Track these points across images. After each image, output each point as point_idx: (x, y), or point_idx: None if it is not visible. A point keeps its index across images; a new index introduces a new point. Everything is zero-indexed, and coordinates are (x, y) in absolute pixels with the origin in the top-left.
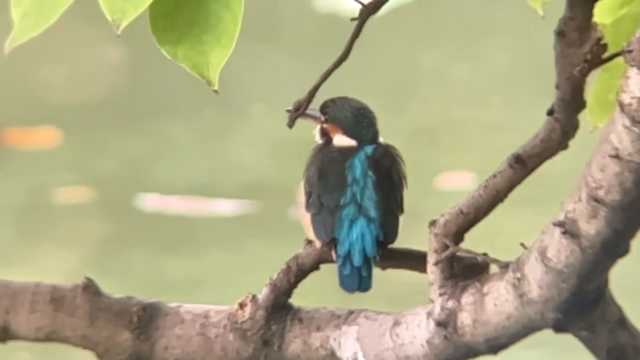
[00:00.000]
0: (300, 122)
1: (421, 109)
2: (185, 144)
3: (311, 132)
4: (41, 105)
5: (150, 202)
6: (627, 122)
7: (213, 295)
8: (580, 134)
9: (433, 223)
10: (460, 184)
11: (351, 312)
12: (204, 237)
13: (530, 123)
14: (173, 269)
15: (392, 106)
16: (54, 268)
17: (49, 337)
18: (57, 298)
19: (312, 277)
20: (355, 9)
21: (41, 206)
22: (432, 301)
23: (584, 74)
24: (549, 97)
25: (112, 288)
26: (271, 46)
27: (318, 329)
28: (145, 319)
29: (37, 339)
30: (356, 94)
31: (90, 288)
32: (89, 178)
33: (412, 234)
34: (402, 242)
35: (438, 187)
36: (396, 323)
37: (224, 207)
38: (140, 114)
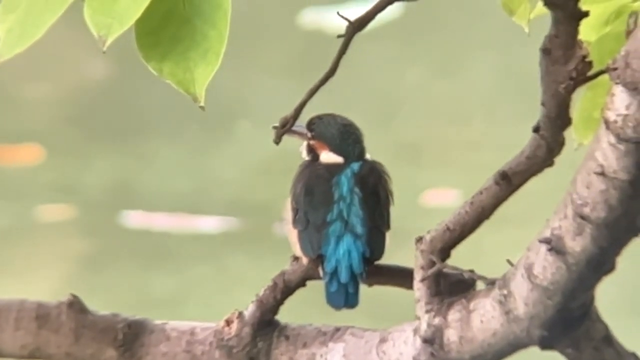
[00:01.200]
0: (285, 138)
1: (405, 126)
2: (169, 161)
3: (295, 148)
4: (24, 122)
5: (134, 219)
6: (613, 140)
7: (197, 312)
8: (565, 150)
9: (419, 240)
10: (444, 201)
11: (337, 329)
12: (188, 254)
13: (513, 140)
14: (157, 285)
15: (376, 123)
16: (38, 285)
17: (34, 354)
18: (42, 315)
19: (298, 293)
20: (340, 26)
21: (24, 224)
22: (418, 318)
23: (569, 91)
24: (532, 114)
25: (96, 305)
26: (255, 62)
27: (304, 345)
28: (131, 336)
29: (21, 357)
30: (340, 111)
31: (75, 305)
32: (73, 195)
33: (397, 251)
34: (387, 258)
35: (422, 204)
36: (382, 340)
37: (208, 224)
38: (124, 131)
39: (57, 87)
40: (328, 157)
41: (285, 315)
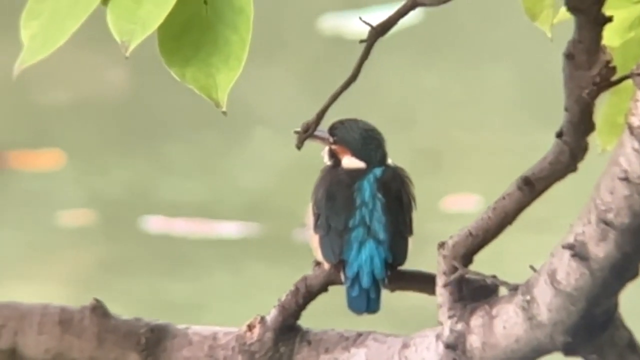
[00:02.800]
0: (306, 143)
1: (424, 132)
2: (189, 166)
3: (315, 154)
4: (46, 128)
5: (154, 224)
6: (637, 145)
7: (216, 318)
8: (588, 156)
9: (442, 245)
10: (464, 206)
11: (360, 334)
12: (208, 260)
13: (532, 146)
14: (176, 291)
15: (395, 129)
16: (58, 291)
17: (57, 358)
18: (65, 320)
19: (319, 299)
20: (360, 31)
21: (45, 229)
22: (441, 323)
23: (593, 96)
24: (551, 120)
25: (116, 310)
26: (274, 68)
27: (326, 351)
28: (153, 340)
29: None
30: (358, 116)
31: (98, 309)
32: (93, 200)
33: (417, 257)
34: (407, 264)
35: (442, 210)
36: (405, 345)
37: (228, 229)
38: (144, 136)
39: (78, 93)
40: (350, 162)
41: (306, 321)
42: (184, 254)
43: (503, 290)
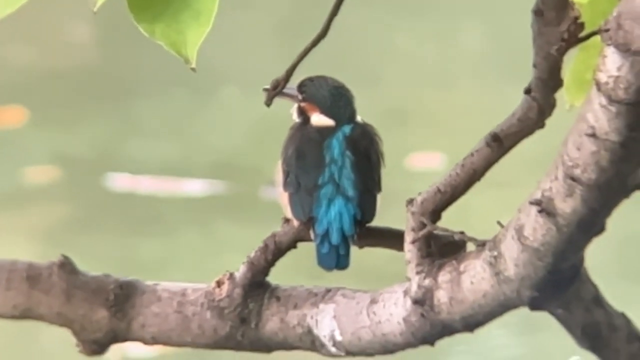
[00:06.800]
0: (274, 101)
1: (392, 89)
2: (155, 124)
3: (282, 112)
4: (8, 84)
5: (120, 182)
6: (604, 101)
7: (183, 275)
8: (556, 112)
9: (410, 202)
10: (430, 164)
11: (328, 290)
12: (175, 218)
13: (500, 105)
14: (143, 249)
15: (363, 86)
16: (23, 248)
17: (25, 314)
18: (32, 275)
19: (286, 257)
20: None
21: (9, 186)
22: (409, 279)
23: (561, 52)
24: (519, 79)
25: (82, 268)
26: (242, 25)
27: (295, 307)
28: (122, 296)
29: (13, 317)
30: (326, 73)
31: (66, 266)
32: (58, 157)
33: (383, 214)
34: (373, 221)
35: (408, 167)
36: (373, 301)
37: (194, 187)
38: (109, 93)
39: (42, 50)
40: (319, 119)
41: (274, 279)
42: (151, 212)
43: (471, 246)
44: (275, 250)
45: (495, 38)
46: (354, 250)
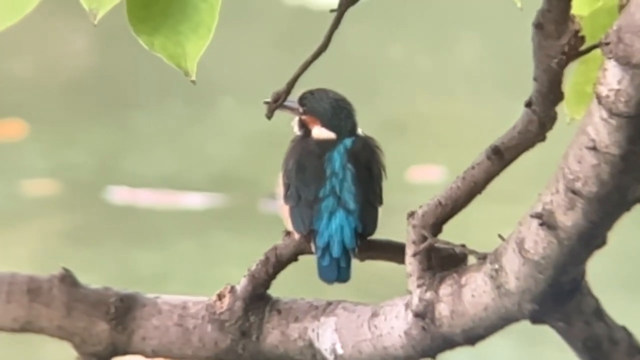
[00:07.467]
0: (275, 114)
1: (389, 102)
2: (153, 137)
3: (281, 124)
4: (7, 98)
5: (119, 195)
6: (605, 114)
7: (181, 288)
8: (557, 125)
9: (411, 214)
10: (429, 177)
11: (329, 303)
12: (173, 230)
13: (499, 117)
14: (141, 261)
15: (360, 99)
16: (23, 261)
17: (25, 327)
18: (33, 288)
19: (289, 268)
20: (324, 3)
21: (8, 199)
22: (410, 292)
23: (562, 66)
24: (516, 90)
25: (81, 280)
26: (242, 37)
27: (296, 320)
28: (123, 309)
29: (13, 330)
30: (324, 86)
31: (67, 278)
32: (57, 170)
33: (382, 227)
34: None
35: (407, 181)
36: (374, 314)
37: (193, 200)
38: (108, 106)
39: (42, 63)
40: (320, 132)
41: (275, 292)
42: (150, 225)
43: (472, 259)
44: (276, 263)
45: (493, 50)
46: (355, 263)
